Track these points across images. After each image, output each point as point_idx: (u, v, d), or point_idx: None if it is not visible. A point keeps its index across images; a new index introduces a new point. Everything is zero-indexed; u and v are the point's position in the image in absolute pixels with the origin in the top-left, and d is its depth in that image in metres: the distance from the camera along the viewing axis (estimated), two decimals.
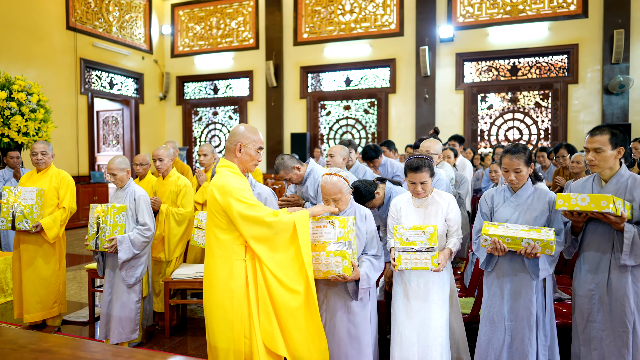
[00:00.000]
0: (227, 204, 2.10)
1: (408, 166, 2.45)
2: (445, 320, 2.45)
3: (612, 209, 2.11)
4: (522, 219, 2.38)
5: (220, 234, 2.15)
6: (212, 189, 2.16)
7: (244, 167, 2.30)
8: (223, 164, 2.27)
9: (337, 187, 2.36)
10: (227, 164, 2.26)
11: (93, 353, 1.77)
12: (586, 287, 2.37)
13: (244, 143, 2.28)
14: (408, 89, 10.39)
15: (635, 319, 2.25)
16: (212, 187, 2.16)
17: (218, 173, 2.23)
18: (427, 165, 2.42)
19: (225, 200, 2.11)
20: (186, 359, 1.71)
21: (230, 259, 2.14)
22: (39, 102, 6.17)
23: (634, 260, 2.20)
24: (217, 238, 2.15)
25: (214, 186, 2.16)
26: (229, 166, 2.26)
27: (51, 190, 3.67)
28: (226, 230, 2.14)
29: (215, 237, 2.16)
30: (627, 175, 2.31)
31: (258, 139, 2.33)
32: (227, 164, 2.27)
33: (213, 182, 2.19)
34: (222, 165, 2.27)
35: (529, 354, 2.32)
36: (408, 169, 2.45)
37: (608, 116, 9.01)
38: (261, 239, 2.14)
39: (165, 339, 3.62)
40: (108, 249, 3.18)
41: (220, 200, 2.12)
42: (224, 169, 2.24)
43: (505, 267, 2.39)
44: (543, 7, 9.49)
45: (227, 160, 2.28)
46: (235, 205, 2.10)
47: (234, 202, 2.10)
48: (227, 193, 2.11)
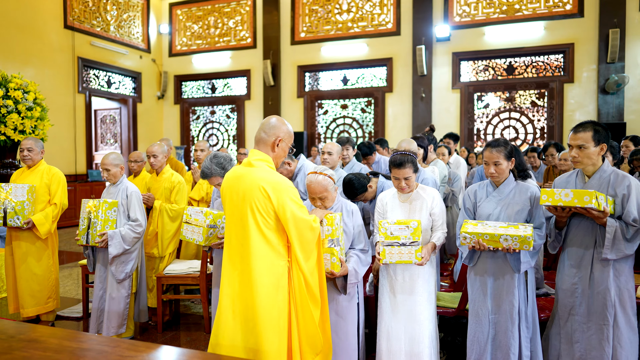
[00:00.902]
0: (282, 203, 1.97)
1: (391, 162, 2.49)
2: (431, 312, 2.48)
3: (595, 204, 2.14)
4: (504, 213, 2.42)
5: (269, 232, 2.00)
6: (262, 185, 1.97)
7: (277, 163, 2.14)
8: (260, 157, 2.06)
9: (323, 185, 2.39)
10: (265, 158, 2.07)
11: (80, 342, 1.80)
12: (569, 281, 2.40)
13: (282, 138, 2.10)
14: (405, 88, 10.42)
15: (617, 312, 2.28)
16: (263, 184, 1.97)
17: (256, 167, 2.03)
18: (410, 161, 2.45)
19: (280, 199, 1.97)
20: (169, 348, 1.74)
21: (278, 259, 2.02)
22: (36, 101, 6.19)
23: (616, 254, 2.24)
24: (265, 237, 1.99)
25: (265, 182, 1.97)
26: (267, 161, 2.07)
27: (42, 186, 3.70)
28: (274, 229, 2.01)
29: (262, 234, 1.99)
30: (609, 171, 2.34)
31: (293, 134, 2.19)
32: (265, 157, 2.07)
33: (260, 177, 1.99)
34: (260, 159, 2.06)
35: (512, 346, 2.35)
36: (392, 165, 2.49)
37: (604, 115, 9.04)
38: (304, 243, 2.04)
39: (158, 334, 3.66)
40: (99, 244, 3.21)
41: (274, 198, 1.96)
42: (263, 163, 2.05)
43: (488, 262, 2.43)
44: (539, 6, 9.53)
45: (264, 154, 2.08)
46: (290, 206, 1.98)
47: (288, 202, 1.98)
48: (282, 191, 1.98)
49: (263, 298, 1.97)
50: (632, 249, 2.23)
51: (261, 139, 2.10)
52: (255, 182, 1.98)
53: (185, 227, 2.91)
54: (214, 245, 2.83)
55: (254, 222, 1.98)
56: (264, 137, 2.09)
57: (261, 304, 1.97)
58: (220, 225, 2.80)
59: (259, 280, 1.97)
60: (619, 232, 2.22)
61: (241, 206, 2.01)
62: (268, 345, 1.96)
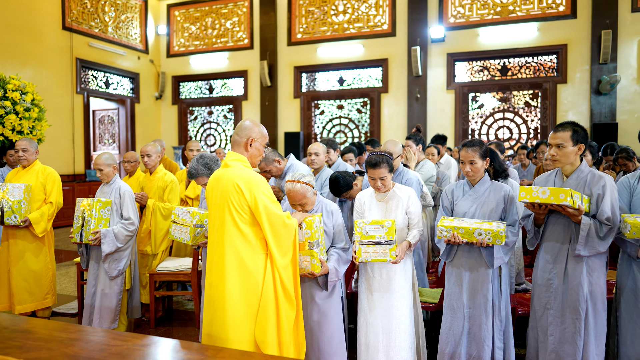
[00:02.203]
0: (254, 197, 2.07)
1: (367, 163, 2.58)
2: (408, 308, 2.57)
3: (569, 201, 2.23)
4: (479, 211, 2.51)
5: (245, 227, 2.09)
6: (236, 181, 2.09)
7: (252, 162, 2.26)
8: (235, 157, 2.20)
9: (301, 193, 2.48)
10: (239, 158, 2.21)
11: (69, 333, 1.90)
12: (545, 277, 2.49)
13: (254, 138, 2.24)
14: (400, 89, 10.51)
15: (588, 307, 2.37)
16: (236, 180, 2.09)
17: (232, 166, 2.16)
18: (386, 161, 2.53)
19: (251, 193, 2.08)
20: (154, 338, 1.84)
21: (255, 253, 2.11)
22: (34, 101, 6.29)
23: (589, 251, 2.32)
24: (240, 231, 2.09)
25: (238, 179, 2.09)
26: (242, 160, 2.21)
27: (38, 186, 3.79)
28: (249, 224, 2.11)
29: (239, 230, 2.09)
30: (586, 171, 2.43)
31: (266, 134, 2.31)
32: (240, 157, 2.21)
33: (235, 174, 2.11)
34: (235, 159, 2.20)
35: (486, 338, 2.45)
36: (367, 166, 2.58)
37: (596, 115, 9.13)
38: (278, 238, 2.12)
39: (151, 329, 3.75)
40: (92, 242, 3.31)
41: (247, 193, 2.07)
42: (238, 162, 2.19)
43: (464, 257, 2.52)
44: (532, 7, 9.61)
45: (239, 154, 2.22)
46: (263, 199, 2.08)
47: (260, 196, 2.08)
48: (253, 186, 2.09)
49: (233, 289, 2.08)
50: (604, 247, 2.32)
51: (235, 140, 2.25)
52: (230, 180, 2.11)
53: (173, 226, 3.00)
54: (202, 244, 2.92)
55: (230, 217, 2.10)
56: (237, 139, 2.24)
57: (236, 295, 2.07)
58: (206, 224, 2.89)
59: (230, 272, 2.08)
60: (592, 230, 2.31)
61: (219, 204, 2.14)
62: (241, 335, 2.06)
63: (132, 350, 1.70)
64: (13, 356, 1.63)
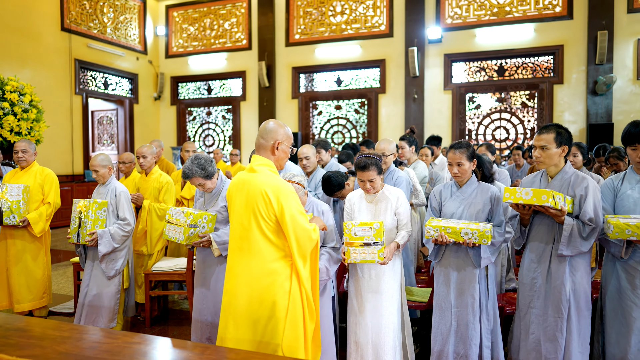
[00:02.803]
0: (281, 206, 2.03)
1: (356, 165, 2.62)
2: (395, 307, 2.61)
3: (551, 202, 2.28)
4: (466, 212, 2.56)
5: (271, 235, 2.07)
6: (264, 189, 2.03)
7: (279, 165, 2.20)
8: (261, 162, 2.13)
9: None
10: (266, 163, 2.13)
11: (61, 331, 1.94)
12: (529, 276, 2.54)
13: (281, 140, 2.16)
14: (397, 89, 10.56)
15: (571, 306, 2.42)
16: (265, 188, 2.04)
17: (259, 172, 2.10)
18: (374, 163, 2.57)
19: (279, 202, 2.03)
20: (145, 336, 1.89)
21: (282, 259, 2.08)
22: (32, 103, 6.35)
23: (571, 251, 2.37)
24: (267, 237, 2.06)
25: (267, 186, 2.04)
26: (269, 165, 2.13)
27: (36, 186, 3.84)
28: (275, 232, 2.07)
29: (265, 236, 2.06)
30: (570, 173, 2.48)
31: (291, 135, 2.24)
32: (266, 162, 2.14)
33: (263, 181, 2.06)
34: (262, 163, 2.13)
35: (473, 337, 2.50)
36: (356, 168, 2.62)
37: (592, 116, 9.18)
38: (302, 250, 2.09)
39: (146, 328, 3.80)
40: (89, 242, 3.35)
41: (275, 202, 2.03)
42: (265, 167, 2.12)
43: (451, 258, 2.57)
44: (529, 8, 9.66)
45: (265, 159, 2.15)
46: (289, 210, 2.04)
47: (288, 206, 2.04)
48: (282, 195, 2.04)
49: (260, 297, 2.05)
50: (587, 247, 2.36)
51: (260, 144, 2.16)
52: (258, 187, 2.05)
53: (167, 226, 3.04)
54: (196, 244, 2.97)
55: (256, 225, 2.06)
56: (263, 143, 2.15)
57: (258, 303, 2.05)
58: (200, 224, 2.94)
59: (257, 279, 2.06)
60: (575, 230, 2.35)
61: (245, 210, 2.09)
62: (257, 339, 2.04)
63: (122, 347, 1.75)
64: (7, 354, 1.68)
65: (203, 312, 2.95)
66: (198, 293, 3.03)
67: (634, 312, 2.32)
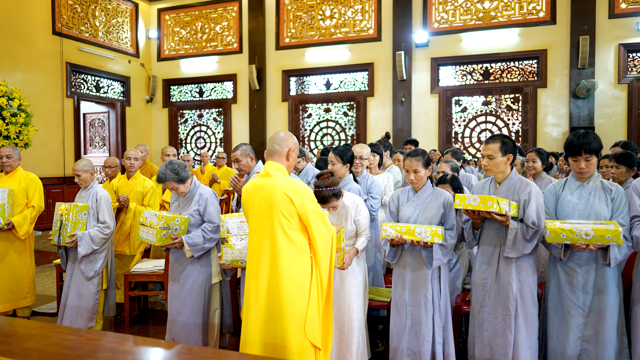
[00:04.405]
0: (302, 205, 2.19)
1: (317, 199, 2.74)
2: (358, 305, 2.76)
3: (496, 208, 2.43)
4: (422, 216, 2.71)
5: (292, 232, 2.20)
6: (284, 191, 2.18)
7: (289, 170, 2.39)
8: (275, 167, 2.30)
9: None
10: (280, 168, 2.31)
11: (29, 329, 2.08)
12: (481, 277, 2.70)
13: (293, 148, 2.36)
14: (385, 93, 10.72)
15: (518, 304, 2.57)
16: (285, 190, 2.19)
17: (274, 176, 2.26)
18: (334, 194, 2.68)
19: (301, 201, 2.19)
20: (105, 333, 2.03)
21: (302, 256, 2.21)
22: (20, 107, 6.47)
23: (515, 253, 2.53)
24: (288, 236, 2.19)
25: (287, 189, 2.19)
26: (282, 169, 2.31)
27: (20, 190, 3.98)
28: (297, 229, 2.21)
29: (286, 234, 2.19)
30: (516, 179, 2.64)
31: (298, 144, 2.45)
32: (280, 167, 2.31)
33: (282, 184, 2.22)
34: (276, 168, 2.30)
35: (426, 334, 2.65)
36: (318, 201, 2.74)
37: (575, 119, 9.35)
38: (323, 238, 2.24)
39: (126, 328, 3.94)
40: (69, 244, 3.49)
41: (296, 201, 2.18)
42: (279, 172, 2.29)
43: (407, 259, 2.73)
44: (514, 13, 9.83)
45: (279, 164, 2.32)
46: (311, 205, 2.21)
47: (309, 203, 2.21)
48: (302, 195, 2.20)
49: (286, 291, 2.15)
50: (530, 248, 2.52)
51: (275, 151, 2.34)
52: (277, 188, 2.20)
53: (141, 228, 3.19)
54: (168, 245, 3.11)
55: (279, 224, 2.19)
56: (278, 149, 2.33)
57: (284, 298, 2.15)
58: (173, 227, 3.08)
59: (282, 275, 2.16)
60: (519, 233, 2.51)
61: (265, 211, 2.22)
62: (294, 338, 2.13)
63: (83, 344, 1.88)
64: None
65: (172, 311, 3.09)
66: (169, 292, 3.17)
67: (572, 310, 2.47)
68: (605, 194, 2.47)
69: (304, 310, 2.17)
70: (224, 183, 6.68)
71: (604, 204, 2.45)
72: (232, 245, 2.67)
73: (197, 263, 3.18)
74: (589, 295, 2.45)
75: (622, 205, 2.43)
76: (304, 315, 2.16)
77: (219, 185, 6.70)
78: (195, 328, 3.15)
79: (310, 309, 2.18)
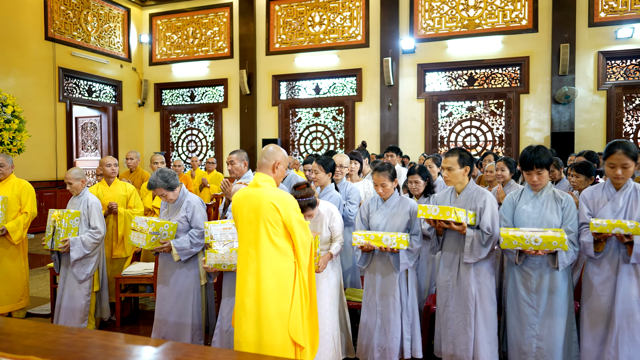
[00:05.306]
0: (287, 214, 2.35)
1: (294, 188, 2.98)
2: (332, 305, 2.98)
3: (454, 217, 2.66)
4: (390, 223, 2.94)
5: (277, 239, 2.36)
6: (271, 201, 2.35)
7: (277, 182, 2.55)
8: (264, 178, 2.47)
9: None
10: (268, 179, 2.48)
11: (28, 328, 2.28)
12: (444, 279, 2.93)
13: (280, 161, 2.52)
14: (373, 98, 10.96)
15: (477, 303, 2.81)
16: (272, 200, 2.36)
17: (262, 187, 2.43)
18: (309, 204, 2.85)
19: (287, 210, 2.36)
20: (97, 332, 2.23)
21: (286, 261, 2.37)
22: (14, 113, 6.63)
23: (474, 258, 2.76)
24: (274, 242, 2.36)
25: (274, 198, 2.36)
26: (270, 181, 2.48)
27: (14, 197, 4.15)
28: (281, 236, 2.37)
29: (272, 241, 2.36)
30: (473, 189, 2.87)
31: (287, 157, 2.59)
32: (268, 179, 2.48)
33: (270, 194, 2.39)
34: (264, 180, 2.47)
35: (395, 332, 2.88)
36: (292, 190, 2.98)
37: (556, 124, 9.64)
38: (304, 247, 2.42)
39: (117, 328, 4.12)
40: (62, 249, 3.68)
41: (282, 210, 2.34)
42: (267, 183, 2.46)
43: (377, 264, 2.96)
44: (497, 21, 10.11)
45: (267, 175, 2.49)
46: (294, 216, 2.38)
47: (293, 212, 2.38)
48: (287, 205, 2.37)
49: (270, 294, 2.33)
50: (486, 253, 2.75)
51: (263, 163, 2.52)
52: (265, 198, 2.37)
53: (132, 233, 3.38)
54: (157, 249, 3.31)
55: (265, 231, 2.36)
56: (265, 162, 2.51)
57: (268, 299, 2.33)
58: (162, 232, 3.28)
59: (266, 278, 2.34)
60: (475, 240, 2.74)
61: (253, 219, 2.39)
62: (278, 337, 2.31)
63: (76, 341, 2.08)
64: None
65: (162, 311, 3.29)
66: (158, 293, 3.37)
67: (526, 310, 2.71)
68: (556, 203, 2.71)
69: (287, 310, 2.34)
70: (214, 187, 6.87)
71: (555, 213, 2.69)
72: (216, 250, 2.87)
73: (184, 266, 3.38)
74: (541, 296, 2.68)
75: (571, 213, 2.67)
76: (288, 315, 2.33)
77: (209, 189, 6.89)
78: (185, 327, 3.35)
79: (293, 309, 2.37)
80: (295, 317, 2.37)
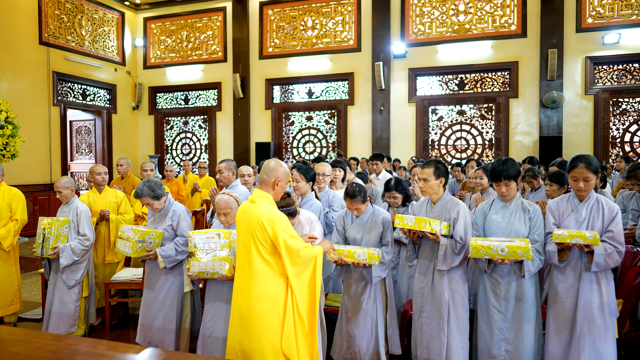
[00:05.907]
0: (275, 233, 2.37)
1: None
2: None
3: (428, 228, 2.78)
4: (365, 236, 3.07)
5: (268, 256, 2.41)
6: (260, 219, 2.39)
7: (276, 198, 2.57)
8: (261, 195, 2.49)
9: (227, 203, 3.00)
10: (265, 195, 2.49)
11: (16, 335, 2.38)
12: (419, 286, 3.05)
13: (280, 178, 2.52)
14: (365, 102, 11.09)
15: (450, 309, 2.92)
16: (261, 218, 2.39)
17: (258, 203, 2.45)
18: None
19: (274, 231, 2.37)
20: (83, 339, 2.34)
21: (276, 277, 2.41)
22: (7, 119, 6.72)
23: (447, 266, 2.88)
24: (264, 258, 2.40)
25: (263, 217, 2.39)
26: (267, 197, 2.49)
27: (4, 205, 4.24)
28: (272, 254, 2.41)
29: (262, 257, 2.40)
30: (448, 199, 2.99)
31: (289, 173, 2.59)
32: (265, 195, 2.49)
33: (260, 212, 2.42)
34: (261, 196, 2.48)
35: (370, 336, 2.99)
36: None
37: (544, 128, 9.79)
38: (295, 266, 2.42)
39: (106, 332, 4.22)
40: (51, 256, 3.78)
41: (270, 230, 2.37)
42: (263, 199, 2.47)
43: (352, 274, 3.09)
44: (487, 26, 10.25)
45: (265, 192, 2.50)
46: (282, 235, 2.38)
47: (281, 232, 2.38)
48: (275, 224, 2.38)
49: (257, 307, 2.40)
50: (458, 261, 2.87)
51: (263, 179, 2.53)
52: (255, 216, 2.43)
53: (119, 241, 3.49)
54: (143, 257, 3.41)
55: (254, 247, 2.42)
56: (265, 179, 2.53)
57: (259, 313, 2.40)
58: (148, 240, 3.38)
59: (255, 293, 2.41)
60: (449, 249, 2.86)
61: (246, 234, 2.46)
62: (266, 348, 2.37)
63: (62, 348, 2.19)
64: None
65: (147, 316, 3.39)
66: (144, 299, 3.47)
67: (495, 315, 2.83)
68: (524, 213, 2.83)
69: (277, 325, 2.40)
70: (205, 192, 6.97)
71: (522, 222, 2.81)
72: (199, 258, 2.98)
73: (170, 273, 3.48)
74: (509, 302, 2.80)
75: (537, 223, 2.79)
76: (279, 331, 2.39)
77: (200, 194, 6.99)
78: (169, 332, 3.46)
79: (286, 326, 2.43)
80: (288, 334, 2.42)
